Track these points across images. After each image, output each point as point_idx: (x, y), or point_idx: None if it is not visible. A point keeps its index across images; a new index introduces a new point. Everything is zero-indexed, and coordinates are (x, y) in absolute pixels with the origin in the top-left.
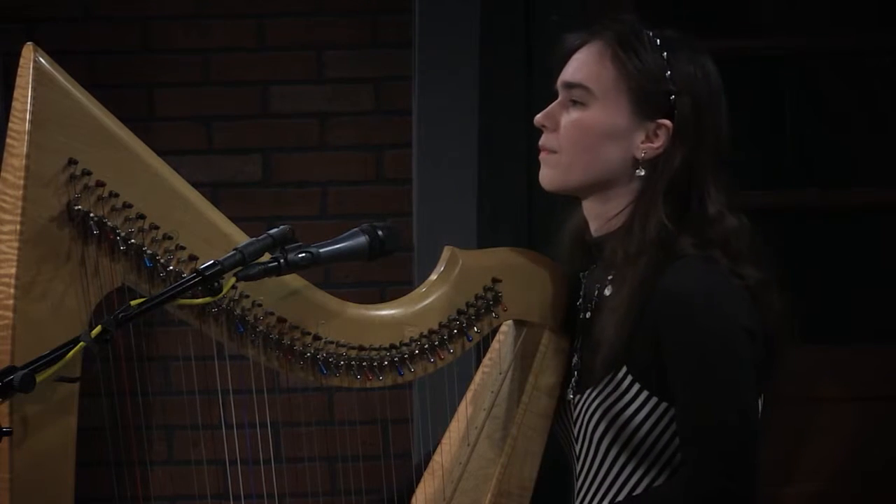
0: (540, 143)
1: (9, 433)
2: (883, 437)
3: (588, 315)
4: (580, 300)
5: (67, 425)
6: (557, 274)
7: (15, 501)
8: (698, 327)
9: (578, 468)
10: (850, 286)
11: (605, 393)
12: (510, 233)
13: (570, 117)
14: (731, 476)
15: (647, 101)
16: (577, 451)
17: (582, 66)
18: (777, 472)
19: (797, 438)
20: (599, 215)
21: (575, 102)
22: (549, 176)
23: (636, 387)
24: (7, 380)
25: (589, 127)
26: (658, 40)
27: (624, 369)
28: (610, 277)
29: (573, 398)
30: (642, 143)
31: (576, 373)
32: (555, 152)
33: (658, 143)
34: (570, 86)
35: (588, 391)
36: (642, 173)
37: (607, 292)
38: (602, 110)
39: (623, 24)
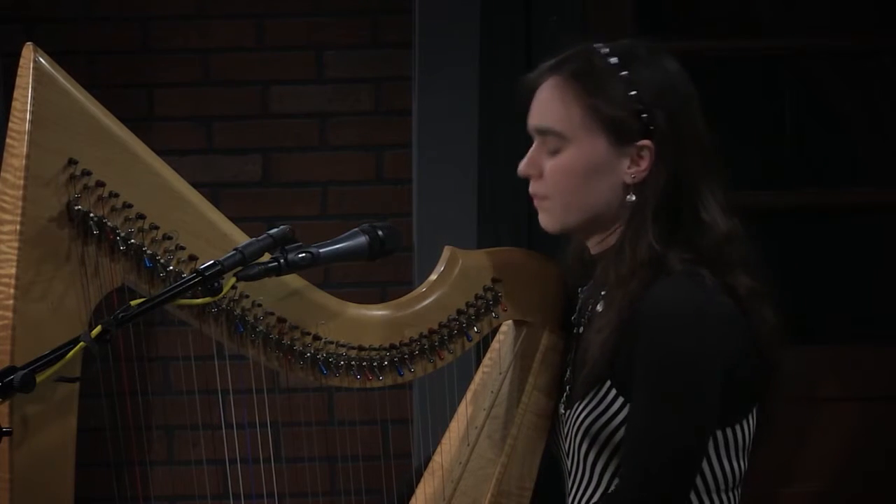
0: (530, 191)
1: (9, 433)
2: (883, 437)
3: (580, 330)
4: (575, 315)
5: (67, 425)
6: (557, 274)
7: (15, 501)
8: (668, 350)
9: (570, 483)
10: (850, 286)
11: (590, 407)
12: (510, 233)
13: (550, 163)
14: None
15: (621, 129)
16: (568, 465)
17: (546, 110)
18: (777, 472)
19: (797, 438)
20: (598, 238)
21: (552, 147)
22: (548, 221)
23: (620, 400)
24: (7, 380)
25: (571, 169)
26: (614, 59)
27: (608, 383)
28: (603, 293)
29: (564, 413)
30: (629, 168)
31: (567, 387)
32: (547, 198)
33: (644, 165)
34: (540, 132)
35: (575, 405)
36: (633, 198)
37: (599, 308)
38: (579, 150)
39: (578, 55)
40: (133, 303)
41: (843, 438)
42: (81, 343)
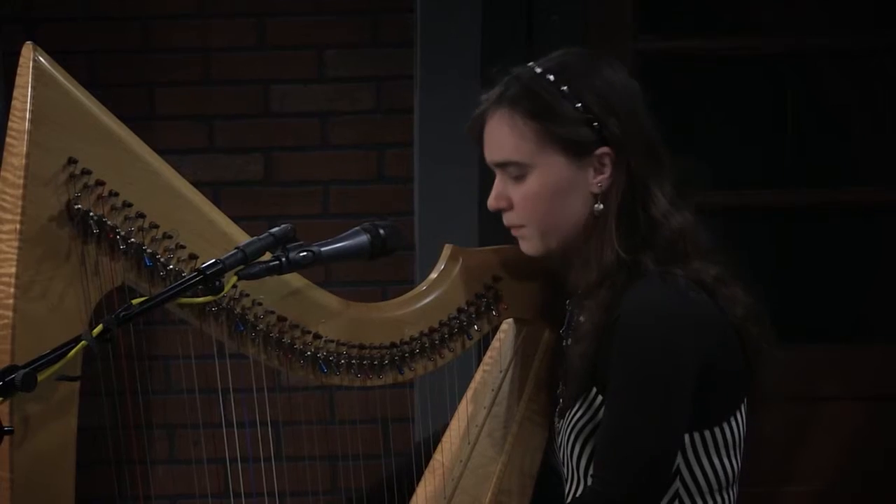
0: (505, 223)
1: (10, 432)
2: (883, 437)
3: (568, 342)
4: (564, 327)
5: (68, 424)
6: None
7: (16, 500)
8: (639, 351)
9: (566, 490)
10: (850, 285)
11: (579, 414)
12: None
13: (518, 192)
14: None
15: (578, 145)
16: (565, 473)
17: (501, 144)
18: (777, 471)
19: (797, 438)
20: (577, 248)
21: (515, 176)
22: (530, 247)
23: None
24: (8, 379)
25: (539, 194)
26: (551, 77)
27: (594, 390)
28: (585, 303)
29: (558, 423)
30: (594, 178)
31: (560, 399)
32: (523, 226)
33: (608, 172)
34: (500, 165)
35: (567, 415)
36: (601, 207)
37: (582, 319)
38: (542, 175)
39: (517, 83)
40: (134, 301)
41: (844, 437)
42: (82, 342)
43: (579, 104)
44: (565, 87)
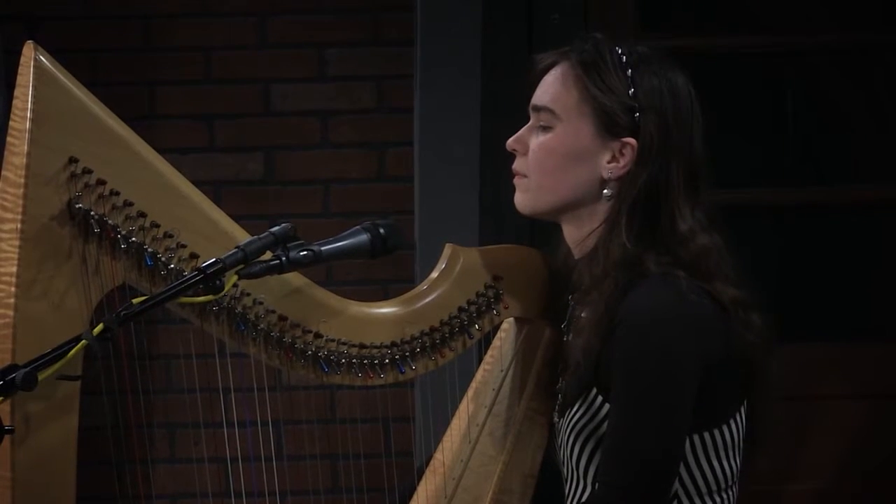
0: (513, 167)
1: (10, 431)
2: (884, 435)
3: (569, 337)
4: (565, 323)
5: (69, 423)
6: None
7: (17, 500)
8: (641, 354)
9: (566, 489)
10: (851, 283)
11: (579, 414)
12: (512, 230)
13: (537, 140)
14: None
15: (610, 121)
16: (565, 473)
17: (547, 89)
18: (779, 469)
19: (798, 436)
20: (576, 239)
21: (543, 126)
22: (521, 200)
23: (607, 406)
24: (9, 378)
25: (553, 149)
26: (624, 58)
27: (594, 390)
28: (587, 297)
29: (558, 421)
30: (608, 162)
31: (560, 396)
32: (525, 176)
33: (624, 162)
34: (536, 109)
35: (567, 413)
36: (609, 193)
37: (583, 315)
38: (566, 132)
39: (589, 44)
40: (135, 300)
41: (844, 436)
42: (83, 341)
43: (633, 90)
44: (630, 71)
